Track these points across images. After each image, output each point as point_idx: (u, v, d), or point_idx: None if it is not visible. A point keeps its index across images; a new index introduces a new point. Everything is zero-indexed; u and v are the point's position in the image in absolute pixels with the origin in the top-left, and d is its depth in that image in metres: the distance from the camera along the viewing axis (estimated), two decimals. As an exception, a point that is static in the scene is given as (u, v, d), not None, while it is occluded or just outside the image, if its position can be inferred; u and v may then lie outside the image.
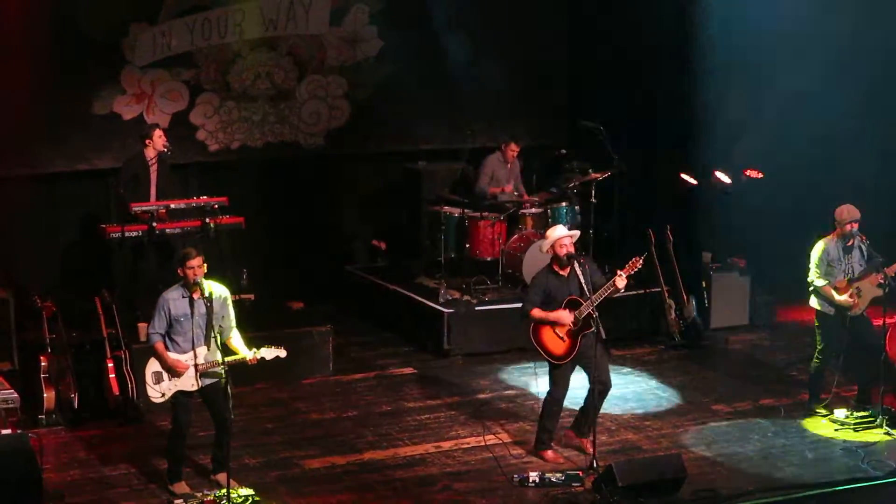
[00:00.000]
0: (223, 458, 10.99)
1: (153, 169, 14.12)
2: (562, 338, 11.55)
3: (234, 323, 11.06)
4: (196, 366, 10.84)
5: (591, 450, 11.54)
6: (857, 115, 15.46)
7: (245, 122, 16.45)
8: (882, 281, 12.37)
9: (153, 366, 10.94)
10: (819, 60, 15.41)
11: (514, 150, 15.78)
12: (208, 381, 10.90)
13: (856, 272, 12.49)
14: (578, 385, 11.90)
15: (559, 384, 11.69)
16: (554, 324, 11.54)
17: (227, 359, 10.73)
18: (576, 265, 11.50)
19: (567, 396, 11.84)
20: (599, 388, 11.69)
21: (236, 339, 11.02)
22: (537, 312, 11.58)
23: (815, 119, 15.33)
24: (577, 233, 11.84)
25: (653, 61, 16.46)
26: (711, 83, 15.74)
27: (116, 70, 15.60)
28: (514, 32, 16.98)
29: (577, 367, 11.75)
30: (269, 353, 10.98)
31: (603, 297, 11.39)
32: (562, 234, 11.60)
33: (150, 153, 14.11)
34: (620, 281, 11.35)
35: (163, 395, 10.94)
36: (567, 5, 17.49)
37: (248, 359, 10.89)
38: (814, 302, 12.67)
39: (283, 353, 11.04)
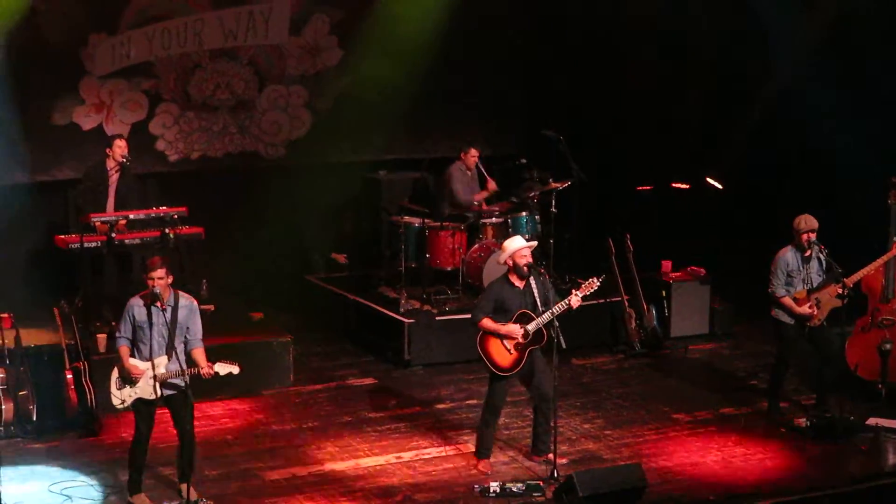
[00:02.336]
0: (185, 467, 10.96)
1: (112, 179, 14.08)
2: (509, 350, 11.56)
3: (200, 335, 11.01)
4: (155, 375, 10.79)
5: (555, 459, 11.58)
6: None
7: (205, 132, 16.42)
8: (841, 292, 12.45)
9: (118, 372, 10.91)
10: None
11: (473, 155, 15.76)
12: (169, 392, 10.86)
13: (815, 282, 12.57)
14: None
15: (497, 394, 11.70)
16: (503, 337, 11.57)
17: (180, 368, 10.74)
18: (531, 278, 11.52)
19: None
20: (538, 400, 11.76)
21: (200, 353, 10.95)
22: (488, 323, 11.58)
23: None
24: (534, 243, 11.85)
25: (613, 69, 16.55)
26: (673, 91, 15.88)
27: (75, 80, 15.54)
28: (474, 42, 16.98)
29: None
30: (222, 368, 10.89)
31: (556, 315, 11.40)
32: (521, 246, 11.60)
33: (110, 163, 14.08)
34: (575, 300, 11.37)
35: (123, 401, 10.90)
36: (527, 15, 17.51)
37: (202, 371, 10.84)
38: (774, 312, 12.73)
39: (235, 370, 10.94)
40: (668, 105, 16.65)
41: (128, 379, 10.82)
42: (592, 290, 11.55)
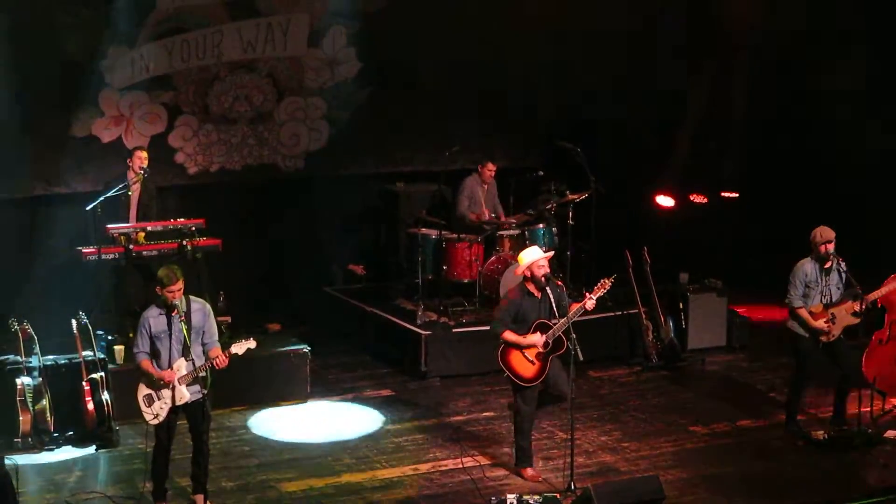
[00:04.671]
0: (200, 476, 11.00)
1: (134, 189, 14.13)
2: (531, 361, 11.58)
3: (216, 336, 11.09)
4: (178, 379, 10.84)
5: (572, 471, 11.60)
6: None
7: (224, 144, 16.44)
8: (857, 310, 12.40)
9: (143, 389, 10.94)
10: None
11: (491, 169, 15.81)
12: (193, 398, 10.89)
13: (833, 295, 12.51)
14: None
15: (528, 402, 11.71)
16: (525, 348, 11.57)
17: (201, 364, 10.83)
18: (548, 287, 11.54)
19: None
20: (555, 394, 11.78)
21: (217, 351, 10.99)
22: (509, 335, 11.59)
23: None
24: (551, 253, 11.86)
25: (628, 83, 16.56)
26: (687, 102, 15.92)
27: (95, 93, 15.58)
28: (491, 55, 17.00)
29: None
30: (239, 348, 10.97)
31: (572, 320, 11.41)
32: (539, 256, 11.61)
33: (130, 174, 14.13)
34: (590, 303, 11.40)
35: (157, 415, 10.92)
36: (543, 28, 17.50)
37: (216, 362, 10.82)
38: (790, 323, 12.70)
39: (252, 344, 11.02)
40: (684, 117, 16.64)
41: (160, 385, 10.84)
42: (605, 291, 11.57)
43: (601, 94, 16.81)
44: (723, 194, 16.05)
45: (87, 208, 14.09)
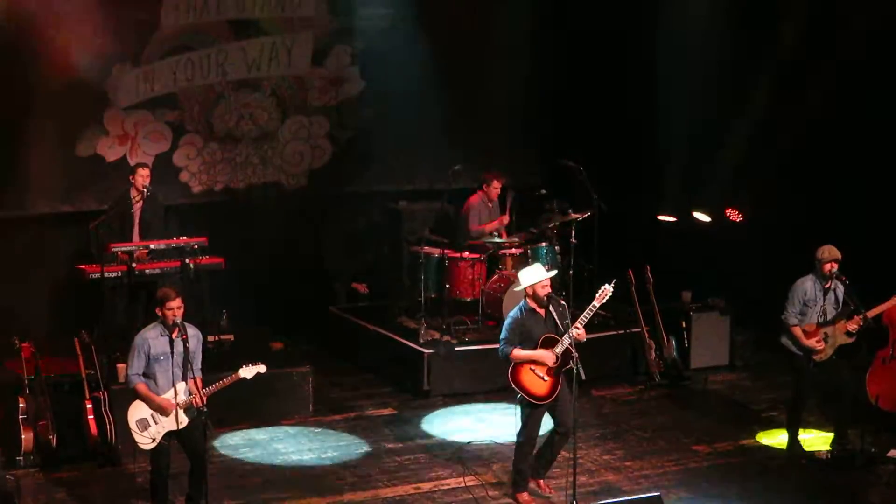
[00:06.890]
0: (199, 497, 10.98)
1: (137, 207, 14.17)
2: (542, 378, 11.53)
3: (199, 365, 11.09)
4: (177, 403, 10.84)
5: (548, 491, 11.70)
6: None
7: (228, 163, 16.48)
8: (851, 329, 12.38)
9: (136, 413, 10.92)
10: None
11: (496, 187, 15.78)
12: (188, 418, 10.90)
13: (829, 314, 12.50)
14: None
15: (532, 425, 11.67)
16: (534, 363, 11.55)
17: (206, 389, 10.82)
18: (550, 305, 11.55)
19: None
20: (561, 432, 11.72)
21: (199, 382, 10.99)
22: (519, 353, 11.57)
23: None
24: (554, 272, 11.87)
25: (632, 99, 16.57)
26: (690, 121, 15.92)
27: (100, 111, 15.63)
28: (494, 73, 17.05)
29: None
30: (248, 371, 10.97)
31: (583, 323, 11.44)
32: (542, 277, 11.61)
33: (133, 192, 14.17)
34: (598, 299, 11.48)
35: (153, 439, 10.91)
36: (548, 46, 17.53)
37: (195, 400, 10.80)
38: (784, 340, 12.67)
39: (262, 368, 11.04)
40: (691, 135, 16.62)
41: (158, 412, 10.84)
42: (607, 298, 11.59)
43: (605, 112, 16.83)
44: (727, 213, 16.01)
45: (91, 227, 14.15)
